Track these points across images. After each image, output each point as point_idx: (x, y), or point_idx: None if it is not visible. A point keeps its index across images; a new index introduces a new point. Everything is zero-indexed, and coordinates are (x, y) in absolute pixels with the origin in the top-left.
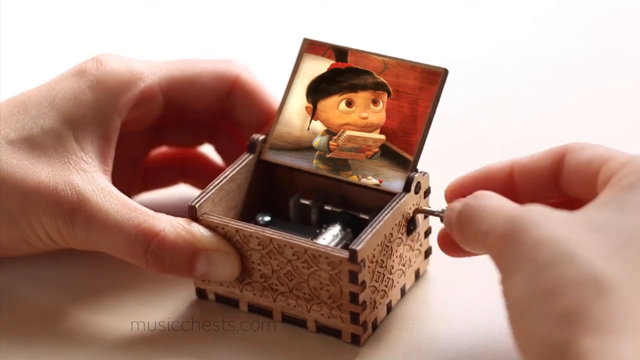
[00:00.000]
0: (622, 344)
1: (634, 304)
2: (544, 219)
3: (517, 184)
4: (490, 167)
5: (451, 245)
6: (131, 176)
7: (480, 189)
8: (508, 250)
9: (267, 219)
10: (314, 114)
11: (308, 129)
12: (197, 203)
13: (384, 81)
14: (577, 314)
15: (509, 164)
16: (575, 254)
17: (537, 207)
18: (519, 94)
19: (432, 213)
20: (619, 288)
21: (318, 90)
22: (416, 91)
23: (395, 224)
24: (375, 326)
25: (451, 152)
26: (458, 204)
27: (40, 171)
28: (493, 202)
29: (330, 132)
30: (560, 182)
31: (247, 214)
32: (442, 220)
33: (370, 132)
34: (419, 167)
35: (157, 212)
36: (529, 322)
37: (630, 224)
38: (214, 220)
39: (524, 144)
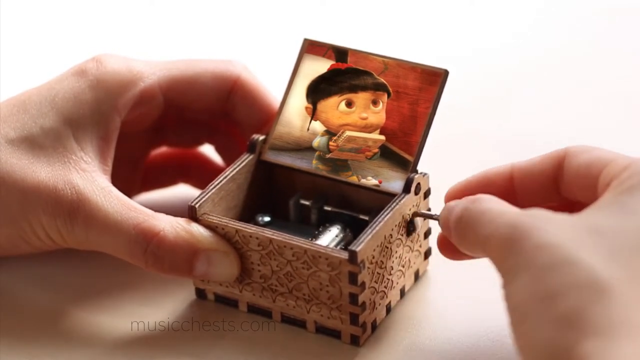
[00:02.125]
0: (623, 346)
1: (635, 306)
2: (545, 224)
3: (517, 187)
4: (490, 171)
5: (450, 248)
6: (131, 176)
7: (480, 193)
8: (509, 255)
9: (267, 219)
10: (313, 114)
11: (308, 129)
12: (197, 203)
13: (384, 82)
14: (578, 318)
15: (509, 168)
16: (576, 257)
17: (538, 211)
18: (520, 93)
19: (431, 217)
20: (620, 291)
21: (318, 90)
22: (416, 92)
23: (395, 225)
24: (374, 327)
25: (451, 153)
26: (455, 205)
27: (40, 171)
28: (493, 206)
29: (330, 133)
30: (560, 186)
31: (247, 214)
32: (439, 224)
33: (370, 132)
34: (419, 168)
35: (157, 212)
36: (531, 326)
37: (631, 226)
38: (214, 221)
39: (525, 144)
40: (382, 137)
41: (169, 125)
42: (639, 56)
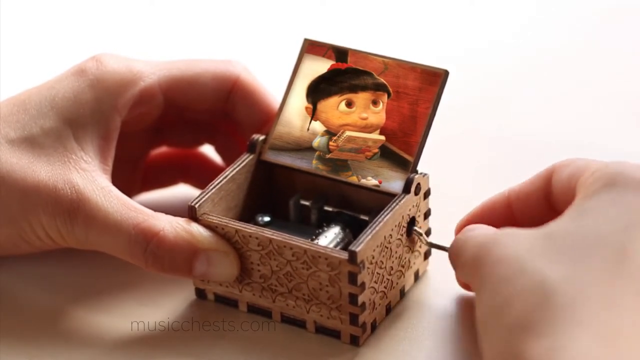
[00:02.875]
0: (568, 342)
1: (578, 302)
2: (507, 239)
3: (515, 211)
4: (489, 201)
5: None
6: (131, 176)
7: (483, 222)
8: (476, 272)
9: (267, 219)
10: (313, 114)
11: (308, 129)
12: (196, 203)
13: (384, 82)
14: (526, 322)
15: (506, 194)
16: (527, 265)
17: (505, 229)
18: (520, 93)
19: (442, 248)
20: (563, 289)
21: (318, 90)
22: (416, 92)
23: (395, 226)
24: (374, 327)
25: (451, 153)
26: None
27: (40, 170)
28: (475, 232)
29: (330, 133)
30: (553, 203)
31: (247, 214)
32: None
33: (370, 132)
34: (419, 168)
35: (157, 212)
36: (488, 337)
37: (582, 227)
38: (214, 221)
39: (525, 144)
40: (382, 137)
41: (169, 125)
42: (637, 55)
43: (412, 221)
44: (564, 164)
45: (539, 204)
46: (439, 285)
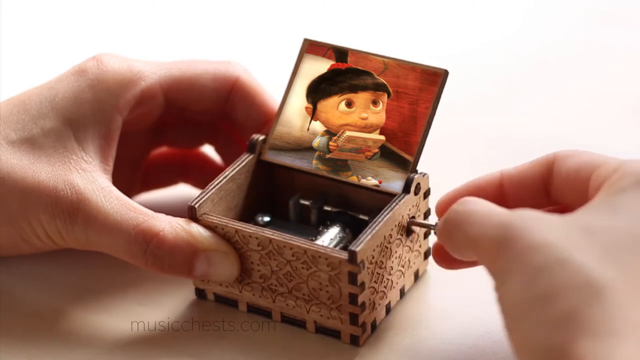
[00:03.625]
0: (619, 346)
1: (629, 306)
2: (536, 223)
3: (508, 194)
4: (480, 179)
5: (446, 256)
6: (131, 176)
7: None
8: (501, 256)
9: (267, 219)
10: (313, 114)
11: (308, 129)
12: (196, 203)
13: (384, 82)
14: (573, 318)
15: (498, 175)
16: (570, 257)
17: (528, 211)
18: (520, 93)
19: (428, 226)
20: (615, 290)
21: (318, 90)
22: (416, 92)
23: (395, 225)
24: (374, 327)
25: (451, 153)
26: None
27: (40, 171)
28: (480, 207)
29: (330, 133)
30: (550, 191)
31: (247, 214)
32: (435, 234)
33: (370, 132)
34: (419, 168)
35: (157, 212)
36: (526, 327)
37: (622, 225)
38: (214, 221)
39: (525, 143)
40: (382, 137)
41: (169, 125)
42: (635, 54)
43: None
44: (567, 154)
45: (535, 190)
46: (439, 285)
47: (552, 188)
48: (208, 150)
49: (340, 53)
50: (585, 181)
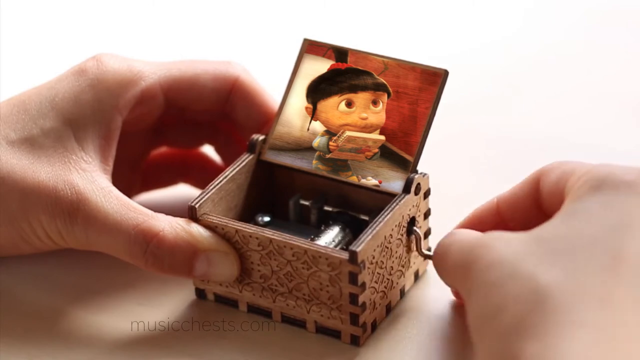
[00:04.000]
0: (562, 343)
1: (572, 305)
2: (496, 242)
3: (506, 218)
4: (478, 210)
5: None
6: (131, 176)
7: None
8: (467, 276)
9: (267, 219)
10: (313, 114)
11: (308, 129)
12: (196, 203)
13: (384, 82)
14: (520, 326)
15: (495, 202)
16: (519, 269)
17: (494, 233)
18: (520, 92)
19: (429, 257)
20: (557, 292)
21: (318, 90)
22: (416, 92)
23: (395, 225)
24: (374, 327)
25: (452, 153)
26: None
27: (40, 171)
28: (459, 236)
29: (330, 133)
30: (543, 207)
31: (247, 214)
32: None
33: (370, 132)
34: (419, 168)
35: (157, 212)
36: (482, 342)
37: (573, 229)
38: (214, 221)
39: (525, 143)
40: (382, 137)
41: (169, 125)
42: (635, 54)
43: (412, 221)
44: (550, 167)
45: (529, 209)
46: (439, 285)
47: (543, 203)
48: (208, 150)
49: (340, 53)
50: (563, 191)
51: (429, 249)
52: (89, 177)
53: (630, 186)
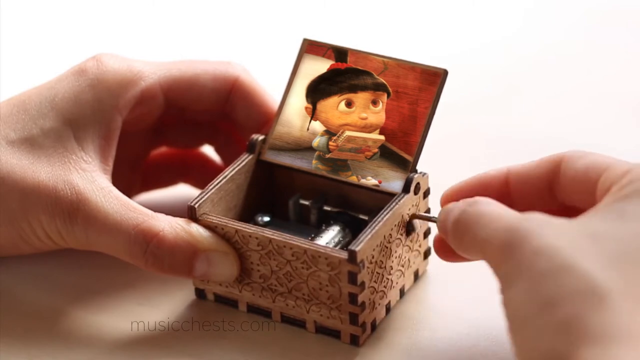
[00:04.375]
0: (621, 353)
1: (632, 313)
2: (543, 228)
3: (513, 191)
4: (486, 175)
5: (447, 250)
6: (131, 176)
7: (476, 196)
8: (507, 260)
9: (267, 219)
10: (313, 114)
11: (308, 129)
12: (196, 203)
13: (384, 82)
14: (576, 324)
15: (505, 172)
16: (575, 263)
17: (536, 215)
18: (519, 92)
19: (429, 219)
20: (618, 297)
21: (318, 90)
22: (416, 92)
23: (395, 225)
24: (374, 327)
25: (451, 153)
26: (453, 208)
27: (40, 171)
28: (491, 209)
29: (329, 133)
30: (556, 191)
31: (247, 214)
32: (437, 226)
33: (369, 132)
34: (419, 167)
35: (156, 212)
36: (529, 332)
37: (630, 232)
38: (213, 221)
39: (525, 143)
40: (382, 137)
41: (169, 125)
42: (635, 54)
43: (411, 220)
44: (575, 155)
45: (540, 189)
46: (439, 285)
47: (558, 188)
48: (208, 150)
49: (340, 53)
50: (593, 183)
51: (427, 252)
52: (89, 177)
53: None
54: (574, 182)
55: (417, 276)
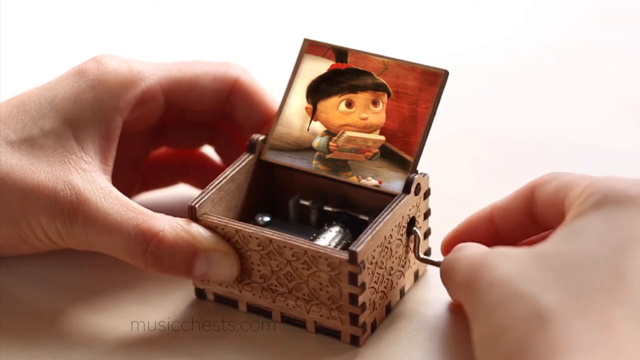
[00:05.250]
0: None
1: (575, 327)
2: (499, 260)
3: (499, 227)
4: (473, 217)
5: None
6: (131, 176)
7: (467, 239)
8: (469, 295)
9: (267, 219)
10: (313, 114)
11: (308, 129)
12: (196, 203)
13: (384, 82)
14: (522, 348)
15: (489, 210)
16: (522, 290)
17: (498, 249)
18: (520, 92)
19: (433, 263)
20: (560, 315)
21: (318, 90)
22: (416, 92)
23: (395, 226)
24: (374, 327)
25: (452, 153)
26: (445, 257)
27: (40, 171)
28: (465, 252)
29: (330, 133)
30: (537, 218)
31: (247, 215)
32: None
33: (370, 132)
34: (419, 168)
35: (157, 212)
36: None
37: (576, 248)
38: (214, 221)
39: (525, 143)
40: (382, 138)
41: (169, 126)
42: (635, 54)
43: (412, 221)
44: (546, 179)
45: (522, 220)
46: (439, 285)
47: (537, 215)
48: (208, 150)
49: (340, 53)
50: (562, 204)
51: (427, 252)
52: (89, 178)
53: (634, 201)
54: (547, 206)
55: (417, 276)
